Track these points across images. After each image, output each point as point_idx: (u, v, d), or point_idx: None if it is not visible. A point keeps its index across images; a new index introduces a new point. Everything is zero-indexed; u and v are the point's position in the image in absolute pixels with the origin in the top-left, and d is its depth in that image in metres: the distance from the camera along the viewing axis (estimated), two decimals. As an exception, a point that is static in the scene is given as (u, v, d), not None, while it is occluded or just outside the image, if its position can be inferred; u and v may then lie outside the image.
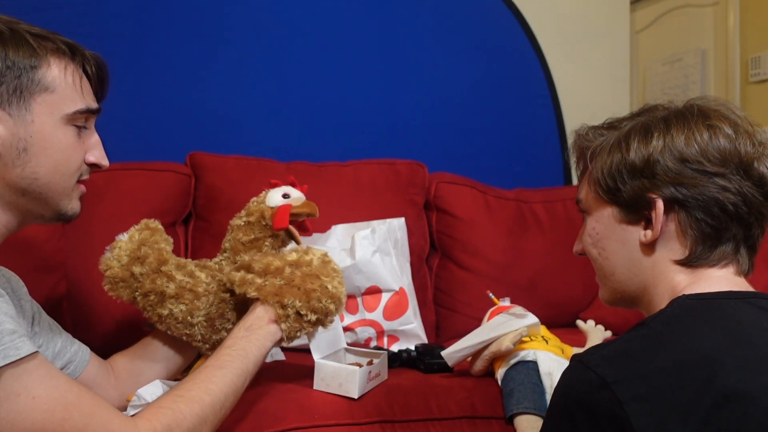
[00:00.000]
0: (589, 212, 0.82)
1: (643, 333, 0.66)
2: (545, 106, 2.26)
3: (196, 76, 1.83)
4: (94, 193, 1.49)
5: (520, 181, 2.04)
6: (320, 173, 1.73)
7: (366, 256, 1.38)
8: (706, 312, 0.67)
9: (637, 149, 0.73)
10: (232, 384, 0.87)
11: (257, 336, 0.94)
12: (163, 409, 0.77)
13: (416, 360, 1.27)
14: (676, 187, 0.71)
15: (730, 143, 0.71)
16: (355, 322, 1.40)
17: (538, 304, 1.61)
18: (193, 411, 0.79)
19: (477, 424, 1.06)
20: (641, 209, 0.74)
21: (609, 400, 0.59)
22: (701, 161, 0.71)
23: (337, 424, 1.01)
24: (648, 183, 0.73)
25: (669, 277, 0.74)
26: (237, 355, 0.90)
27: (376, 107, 2.02)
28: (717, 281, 0.72)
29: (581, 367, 0.64)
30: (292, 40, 1.93)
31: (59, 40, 0.85)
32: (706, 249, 0.72)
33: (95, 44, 1.71)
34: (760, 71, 2.48)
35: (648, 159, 0.72)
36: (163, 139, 1.78)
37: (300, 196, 1.15)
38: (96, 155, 0.89)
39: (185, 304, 1.04)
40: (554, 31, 2.27)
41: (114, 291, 1.07)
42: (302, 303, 0.96)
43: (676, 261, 0.73)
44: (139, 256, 1.06)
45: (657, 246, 0.75)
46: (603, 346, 0.67)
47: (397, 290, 1.42)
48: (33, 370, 0.67)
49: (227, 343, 0.93)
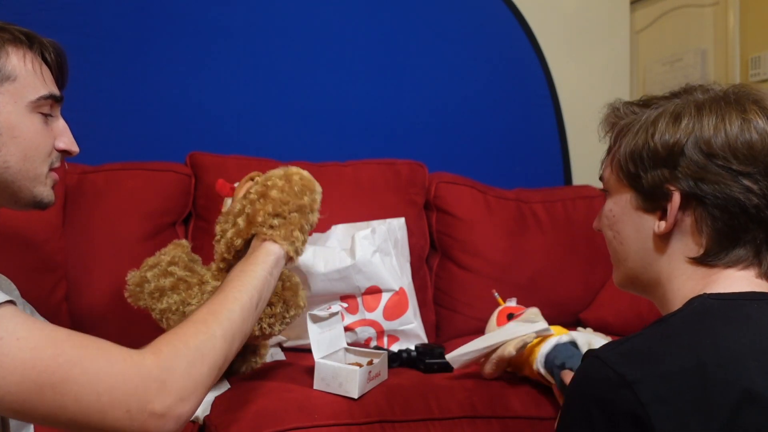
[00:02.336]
0: (610, 192, 0.79)
1: (663, 331, 0.64)
2: (545, 106, 2.25)
3: (196, 76, 1.83)
4: (94, 193, 1.50)
5: (520, 181, 2.04)
6: (320, 173, 1.71)
7: (366, 256, 1.38)
8: (728, 313, 0.65)
9: (663, 134, 0.70)
10: (235, 299, 0.85)
11: (254, 256, 0.95)
12: (167, 336, 0.75)
13: (416, 360, 1.27)
14: (696, 182, 0.68)
15: (761, 139, 0.67)
16: (356, 322, 1.40)
17: (538, 304, 1.60)
18: (198, 330, 0.77)
19: (477, 424, 1.06)
20: (659, 199, 0.71)
21: (629, 400, 0.57)
22: (728, 157, 0.67)
23: (337, 424, 1.01)
24: (669, 174, 0.70)
25: (685, 275, 0.71)
26: (234, 276, 0.90)
27: (376, 107, 2.02)
28: (737, 281, 0.69)
29: (599, 364, 0.61)
30: (292, 40, 1.93)
31: (15, 29, 0.85)
32: (722, 249, 0.69)
33: (95, 44, 1.72)
34: (760, 71, 2.47)
35: (672, 148, 0.69)
36: (163, 139, 1.78)
37: None
38: (65, 141, 0.88)
39: (179, 295, 1.07)
40: (554, 31, 2.27)
41: (132, 298, 1.12)
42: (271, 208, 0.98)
43: (690, 258, 0.71)
44: (156, 263, 1.11)
45: (671, 240, 0.72)
46: (621, 342, 0.65)
47: (397, 290, 1.42)
48: (12, 315, 0.65)
49: (227, 277, 0.92)
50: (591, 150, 0.92)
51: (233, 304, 0.84)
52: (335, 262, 1.37)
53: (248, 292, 0.87)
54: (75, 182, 1.48)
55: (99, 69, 1.73)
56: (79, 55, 1.69)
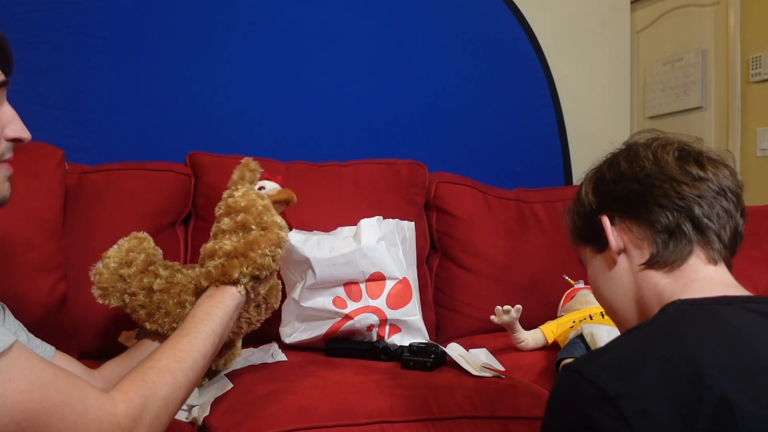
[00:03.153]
0: (585, 263, 0.88)
1: (640, 341, 0.65)
2: (545, 106, 2.26)
3: (196, 77, 1.83)
4: (94, 193, 1.50)
5: (520, 181, 2.04)
6: (320, 173, 1.72)
7: (371, 242, 1.39)
8: (703, 319, 0.66)
9: (578, 198, 0.86)
10: (200, 348, 0.87)
11: (219, 298, 0.96)
12: (137, 381, 0.77)
13: (394, 354, 1.31)
14: (612, 203, 0.80)
15: (653, 158, 0.78)
16: (358, 309, 1.39)
17: (538, 304, 1.61)
18: (164, 380, 0.79)
19: (477, 424, 1.06)
20: (600, 235, 0.81)
21: (613, 416, 0.57)
22: (626, 176, 0.79)
23: (337, 425, 1.01)
24: (591, 211, 0.82)
25: (651, 282, 0.76)
26: (200, 320, 0.91)
27: (376, 107, 2.02)
28: (707, 284, 0.72)
29: (579, 379, 0.61)
30: (292, 40, 1.93)
31: None
32: (663, 245, 0.75)
33: (95, 44, 1.72)
34: (761, 71, 2.48)
35: (585, 197, 0.84)
36: (163, 139, 1.78)
37: (275, 186, 1.15)
38: (15, 129, 0.81)
39: (173, 297, 1.07)
40: (554, 31, 2.27)
41: (104, 298, 1.10)
42: (248, 269, 0.98)
43: (644, 264, 0.76)
44: (127, 260, 1.09)
45: (627, 260, 0.79)
46: (598, 354, 0.65)
47: (401, 279, 1.42)
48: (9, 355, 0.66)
49: (191, 313, 0.94)
50: (591, 150, 0.94)
51: (197, 353, 0.86)
52: (341, 248, 1.38)
53: (211, 338, 0.90)
54: (75, 182, 1.47)
55: (99, 69, 1.73)
56: (79, 55, 1.71)
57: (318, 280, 1.37)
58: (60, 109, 1.68)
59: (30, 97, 1.60)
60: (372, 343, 1.36)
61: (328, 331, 1.38)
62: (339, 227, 1.50)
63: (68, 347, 1.19)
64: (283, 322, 1.46)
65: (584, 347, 1.24)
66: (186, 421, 1.08)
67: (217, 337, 0.91)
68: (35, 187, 1.34)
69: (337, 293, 1.39)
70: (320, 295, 1.40)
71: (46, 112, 1.66)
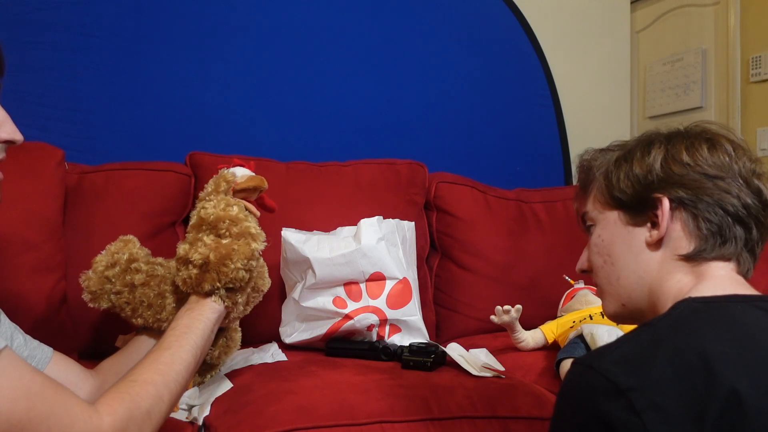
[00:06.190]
0: (595, 222, 0.84)
1: (651, 336, 0.65)
2: (545, 106, 2.26)
3: (196, 77, 1.83)
4: (94, 193, 1.50)
5: (520, 181, 2.04)
6: (320, 173, 1.72)
7: (371, 242, 1.39)
8: (713, 316, 0.67)
9: (641, 159, 0.78)
10: (182, 360, 0.88)
11: (199, 311, 0.97)
12: (121, 394, 0.78)
13: (394, 354, 1.31)
14: (678, 188, 0.75)
15: (729, 159, 0.75)
16: (358, 309, 1.39)
17: (538, 304, 1.61)
18: (148, 393, 0.80)
19: (477, 424, 1.06)
20: (646, 210, 0.77)
21: (624, 409, 0.57)
22: (702, 167, 0.75)
23: (337, 425, 1.01)
24: (653, 185, 0.77)
25: (675, 277, 0.75)
26: (181, 333, 0.92)
27: (376, 107, 2.02)
28: (721, 282, 0.73)
29: (591, 373, 0.62)
30: (292, 40, 1.93)
31: None
32: (709, 247, 0.74)
33: (95, 44, 1.72)
34: (761, 71, 2.47)
35: (651, 166, 0.77)
36: (163, 139, 1.78)
37: (246, 173, 1.13)
38: (7, 131, 0.80)
39: (153, 290, 1.09)
40: (554, 31, 2.27)
41: (94, 302, 1.11)
42: (221, 283, 0.98)
43: (681, 256, 0.75)
44: (111, 262, 1.11)
45: (662, 245, 0.77)
46: (610, 349, 0.66)
47: (401, 279, 1.42)
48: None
49: (171, 325, 0.95)
50: (591, 150, 0.93)
51: (180, 365, 0.87)
52: (341, 247, 1.38)
53: (192, 350, 0.91)
54: (75, 182, 1.47)
55: (99, 69, 1.73)
56: (79, 55, 1.71)
57: (318, 280, 1.37)
58: (60, 109, 1.68)
59: (30, 97, 1.60)
60: (372, 343, 1.36)
61: (328, 331, 1.38)
62: (339, 227, 1.50)
63: (68, 347, 1.20)
64: (283, 322, 1.46)
65: (584, 347, 1.24)
66: (186, 420, 1.08)
67: (198, 349, 0.93)
68: (35, 187, 1.34)
69: (337, 293, 1.39)
70: (320, 295, 1.40)
71: (46, 112, 1.66)
